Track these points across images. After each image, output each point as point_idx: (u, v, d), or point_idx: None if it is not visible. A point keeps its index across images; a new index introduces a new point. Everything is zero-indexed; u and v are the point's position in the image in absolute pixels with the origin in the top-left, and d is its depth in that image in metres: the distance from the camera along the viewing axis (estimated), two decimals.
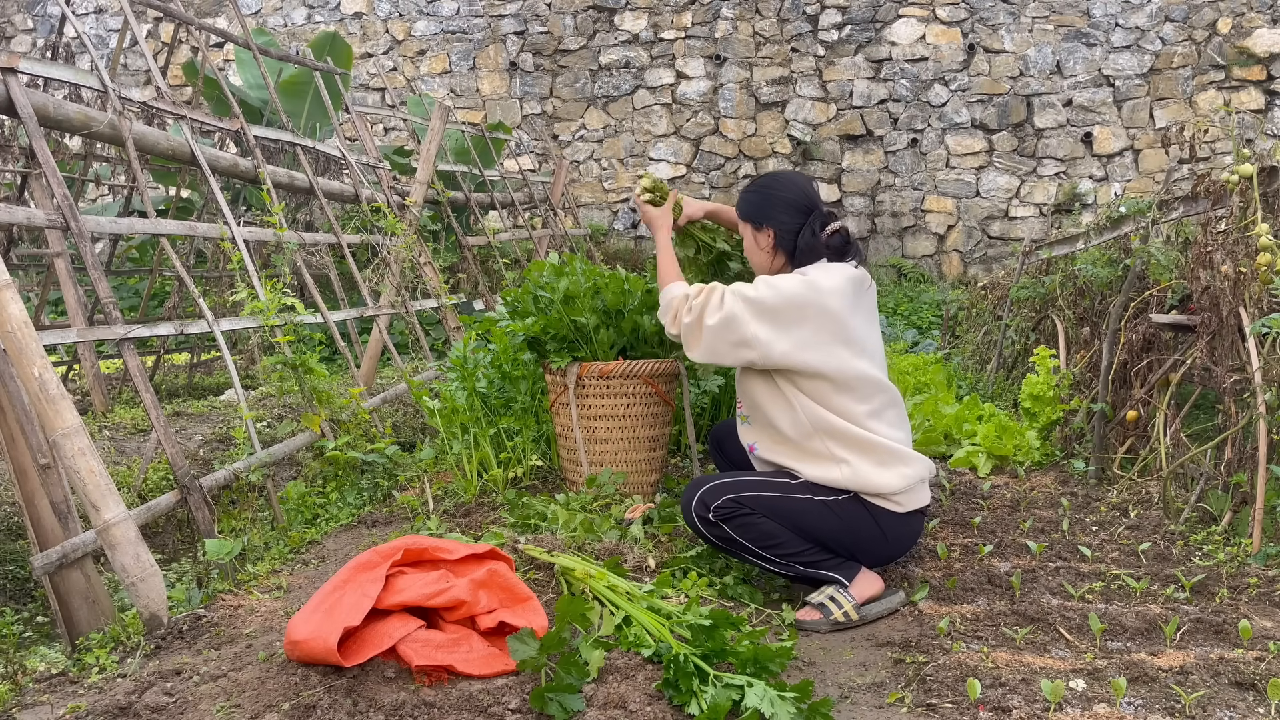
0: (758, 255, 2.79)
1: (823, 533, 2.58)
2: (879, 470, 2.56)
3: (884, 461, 2.57)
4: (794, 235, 2.70)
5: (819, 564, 2.60)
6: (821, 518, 2.57)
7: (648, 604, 2.38)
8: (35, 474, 2.68)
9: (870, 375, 2.62)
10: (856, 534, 2.59)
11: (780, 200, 2.72)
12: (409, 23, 11.43)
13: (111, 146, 6.03)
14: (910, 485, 2.59)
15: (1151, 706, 1.98)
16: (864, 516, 2.59)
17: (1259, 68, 9.70)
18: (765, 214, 2.73)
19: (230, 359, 3.76)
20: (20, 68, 3.30)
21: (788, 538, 2.56)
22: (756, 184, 2.82)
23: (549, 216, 9.14)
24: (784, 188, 2.76)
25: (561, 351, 3.45)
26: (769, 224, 2.72)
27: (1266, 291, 3.23)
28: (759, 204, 2.76)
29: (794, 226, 2.70)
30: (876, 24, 10.44)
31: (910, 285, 10.23)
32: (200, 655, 2.33)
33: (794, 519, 2.56)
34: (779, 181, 2.80)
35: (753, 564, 2.67)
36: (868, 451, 2.57)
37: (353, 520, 3.56)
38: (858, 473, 2.55)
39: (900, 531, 2.65)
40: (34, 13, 12.09)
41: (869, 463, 2.56)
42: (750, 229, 2.78)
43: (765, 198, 2.75)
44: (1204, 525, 3.20)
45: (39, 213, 3.36)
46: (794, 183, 2.78)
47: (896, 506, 2.60)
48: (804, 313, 2.56)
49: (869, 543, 2.62)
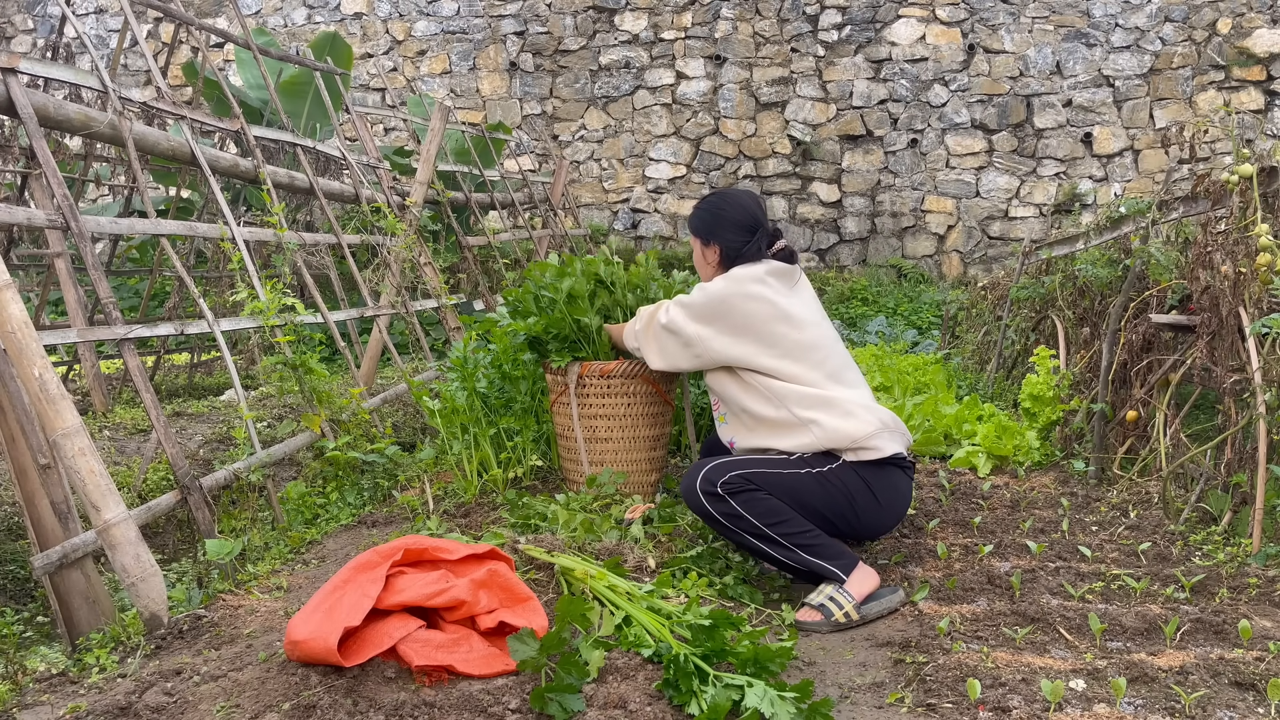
0: (704, 268, 3.04)
1: (821, 504, 2.67)
2: (846, 420, 2.71)
3: (848, 412, 2.73)
4: (738, 251, 2.94)
5: (818, 549, 2.62)
6: (818, 488, 2.68)
7: (648, 604, 2.38)
8: (35, 474, 2.68)
9: (819, 343, 2.83)
10: (852, 500, 2.70)
11: (728, 220, 2.96)
12: (409, 23, 11.43)
13: (111, 146, 6.04)
14: (879, 429, 2.73)
15: (1151, 706, 1.99)
16: (856, 481, 2.70)
17: (1259, 68, 9.70)
18: (713, 231, 2.97)
19: (230, 359, 3.76)
20: (20, 68, 3.30)
21: (791, 515, 2.63)
22: (708, 202, 3.04)
23: (549, 216, 9.14)
24: (732, 208, 2.97)
25: (563, 351, 3.45)
26: (715, 240, 2.97)
27: (1266, 291, 3.24)
28: (709, 221, 2.99)
29: (739, 244, 2.93)
30: (876, 24, 10.44)
31: (910, 285, 10.23)
32: (200, 655, 2.33)
33: (794, 493, 2.65)
34: (728, 202, 3.00)
35: (752, 548, 2.69)
36: (830, 406, 2.73)
37: (353, 520, 3.56)
38: (827, 428, 2.71)
39: (890, 494, 2.75)
40: (34, 13, 12.09)
41: (834, 416, 2.72)
42: (699, 243, 3.03)
43: (715, 217, 2.98)
44: (1204, 525, 3.20)
45: (39, 213, 3.36)
46: (742, 204, 2.99)
47: (876, 453, 2.71)
48: (729, 303, 2.82)
49: (866, 509, 2.72)
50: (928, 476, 4.09)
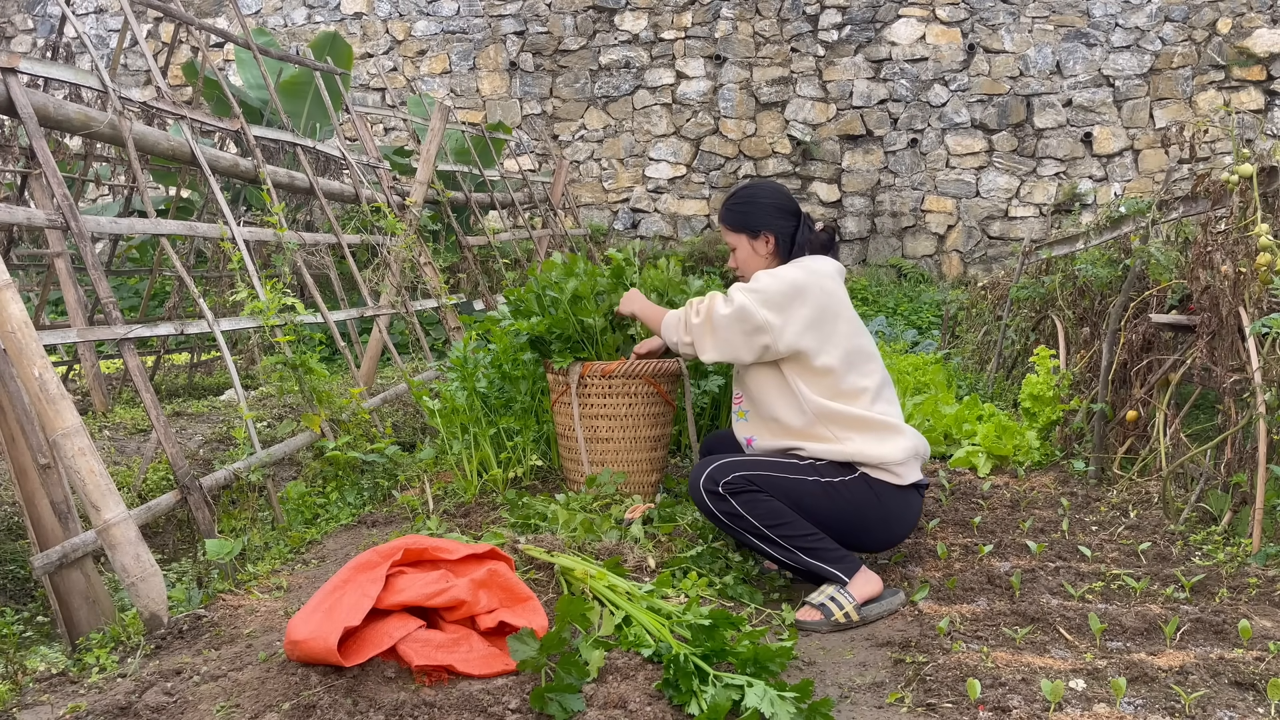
0: (756, 262, 2.90)
1: (826, 514, 2.64)
2: (879, 444, 2.67)
3: (884, 437, 2.68)
4: (791, 236, 2.86)
5: (820, 553, 2.62)
6: (826, 499, 2.64)
7: (648, 604, 2.38)
8: (35, 474, 2.68)
9: (870, 350, 2.79)
10: (861, 514, 2.66)
11: (770, 206, 2.87)
12: (409, 23, 11.43)
13: (111, 146, 6.04)
14: (909, 457, 2.69)
15: (1151, 706, 1.98)
16: (867, 496, 2.66)
17: (1259, 68, 9.70)
18: (761, 221, 2.87)
19: (230, 359, 3.76)
20: (20, 68, 3.30)
21: (792, 518, 2.62)
22: (740, 195, 2.94)
23: (549, 216, 9.14)
24: (769, 194, 2.91)
25: (565, 351, 3.45)
26: (767, 229, 2.86)
27: (1266, 291, 3.23)
28: (751, 213, 2.88)
29: (790, 228, 2.86)
30: (876, 24, 10.44)
31: (910, 285, 10.23)
32: (200, 655, 2.33)
33: (796, 499, 2.63)
34: (762, 190, 2.94)
35: (755, 547, 2.68)
36: (868, 428, 2.68)
37: (353, 520, 3.56)
38: (856, 448, 2.67)
39: (902, 512, 2.72)
40: (34, 13, 12.09)
41: (868, 439, 2.67)
42: (746, 238, 2.90)
43: (755, 206, 2.89)
44: (1204, 525, 3.20)
45: (39, 213, 3.36)
46: (774, 188, 2.95)
47: (896, 479, 2.68)
48: (806, 294, 2.69)
49: (873, 524, 2.69)
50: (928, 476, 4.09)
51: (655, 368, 3.37)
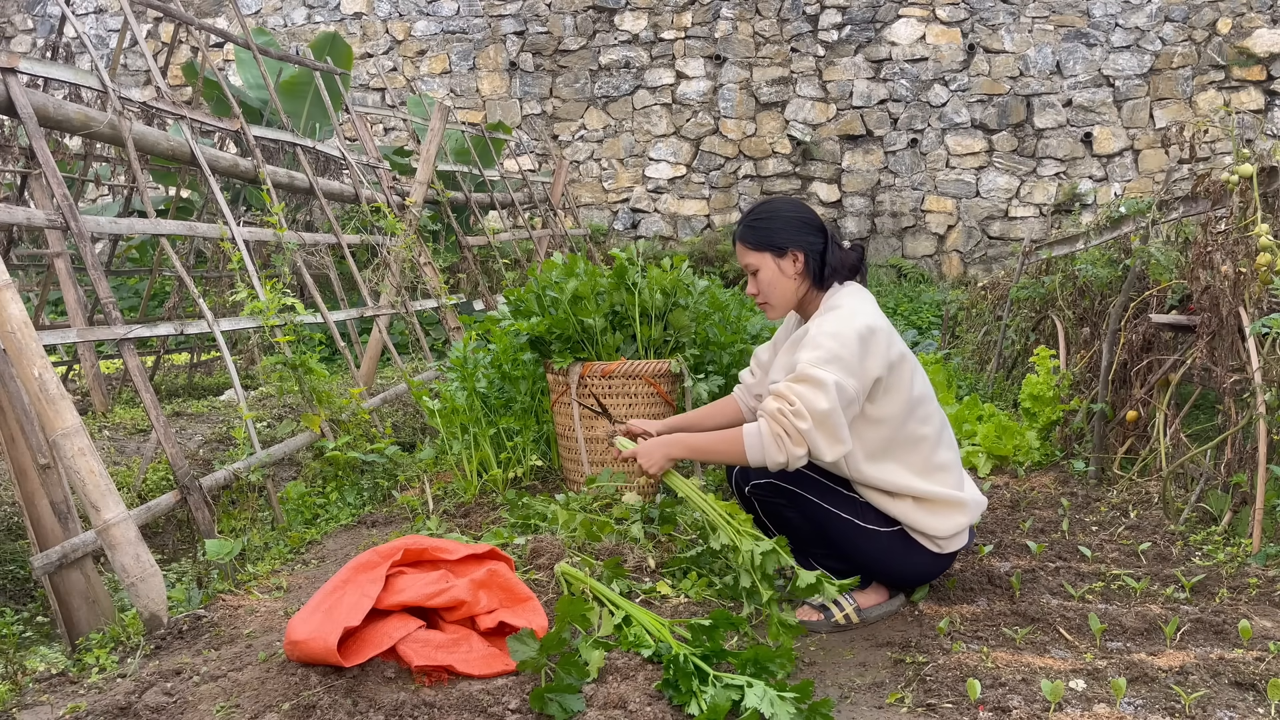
0: (783, 284, 2.59)
1: (848, 547, 2.56)
2: (931, 516, 2.51)
3: (937, 512, 2.52)
4: (821, 255, 2.57)
5: (827, 566, 2.59)
6: (851, 534, 2.53)
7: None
8: (35, 474, 2.68)
9: (928, 391, 2.57)
10: (883, 562, 2.56)
11: (795, 220, 2.58)
12: (409, 23, 11.43)
13: (111, 146, 6.04)
14: (958, 532, 2.55)
15: (1151, 706, 1.98)
16: (898, 548, 2.54)
17: (1259, 68, 9.70)
18: (787, 239, 2.56)
19: (230, 359, 3.76)
20: (20, 68, 3.30)
21: (811, 538, 2.57)
22: (759, 211, 2.64)
23: (549, 216, 9.14)
24: (792, 209, 2.62)
25: (565, 352, 3.46)
26: (795, 247, 2.55)
27: (1266, 291, 3.24)
28: (776, 229, 2.58)
29: (819, 244, 2.57)
30: (876, 24, 10.44)
31: (910, 285, 10.23)
32: (200, 655, 2.33)
33: (823, 526, 2.54)
34: (784, 205, 2.64)
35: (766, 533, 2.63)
36: (920, 501, 2.52)
37: (353, 520, 3.56)
38: (909, 515, 2.51)
39: (927, 570, 2.61)
40: (34, 13, 12.09)
41: (923, 511, 2.52)
42: (771, 258, 2.57)
43: (780, 222, 2.59)
44: (1204, 525, 3.20)
45: (39, 213, 3.36)
46: (793, 202, 2.66)
47: (936, 548, 2.55)
48: (872, 345, 2.43)
49: (891, 571, 2.59)
50: None
51: (655, 368, 3.37)
